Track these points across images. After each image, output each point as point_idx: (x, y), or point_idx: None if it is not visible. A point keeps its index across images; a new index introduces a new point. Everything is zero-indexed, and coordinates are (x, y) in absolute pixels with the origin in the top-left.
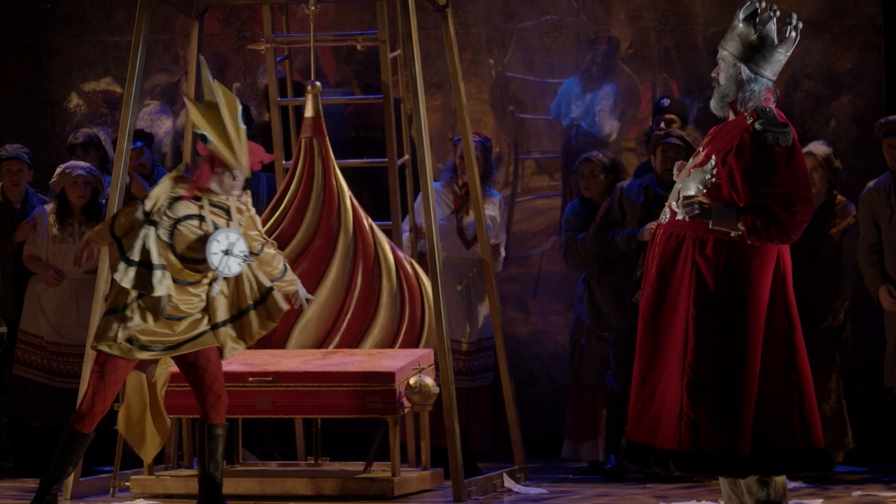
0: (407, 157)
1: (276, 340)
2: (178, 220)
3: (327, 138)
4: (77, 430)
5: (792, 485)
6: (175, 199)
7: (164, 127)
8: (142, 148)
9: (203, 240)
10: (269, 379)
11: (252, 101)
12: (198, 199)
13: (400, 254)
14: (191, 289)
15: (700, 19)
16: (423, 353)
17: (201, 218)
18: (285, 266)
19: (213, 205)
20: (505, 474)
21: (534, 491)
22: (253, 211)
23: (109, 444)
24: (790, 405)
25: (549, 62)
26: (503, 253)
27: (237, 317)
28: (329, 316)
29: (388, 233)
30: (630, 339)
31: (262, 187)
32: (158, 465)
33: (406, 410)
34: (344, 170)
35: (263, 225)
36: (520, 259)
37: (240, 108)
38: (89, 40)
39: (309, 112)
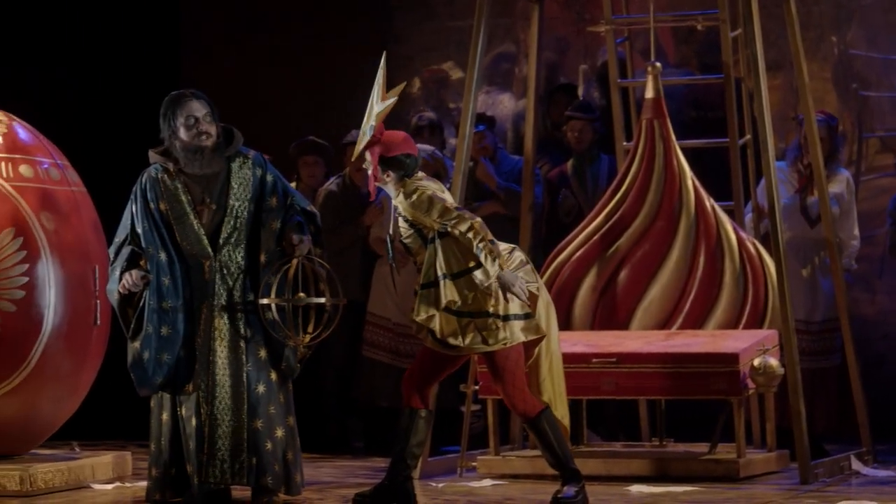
0: (748, 136)
1: (619, 321)
2: None
3: (668, 119)
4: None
5: None
6: None
7: (505, 110)
8: (484, 131)
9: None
10: (613, 360)
11: (593, 83)
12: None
13: (742, 234)
14: None
15: None
16: (767, 334)
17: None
18: (483, 251)
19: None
20: (852, 456)
21: (882, 473)
22: (413, 197)
23: (456, 425)
24: None
25: (894, 38)
26: (854, 246)
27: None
28: (672, 297)
29: (730, 213)
30: None
31: (602, 169)
32: (504, 446)
33: (750, 392)
34: (685, 150)
35: (604, 207)
36: (865, 238)
37: (374, 113)
38: (432, 26)
39: (649, 93)
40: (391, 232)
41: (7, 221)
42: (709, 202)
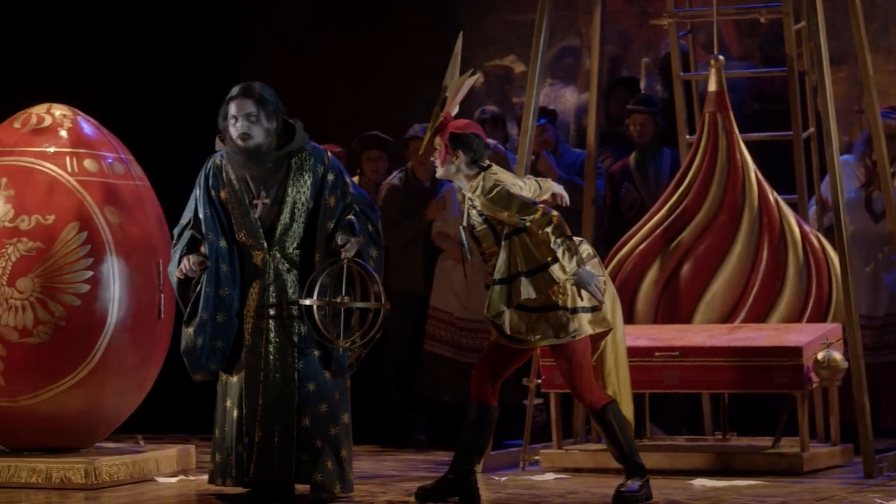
0: (812, 130)
1: (682, 315)
2: None
3: (731, 112)
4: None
5: None
6: None
7: (567, 103)
8: (545, 125)
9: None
10: (676, 354)
11: (655, 76)
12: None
13: (806, 227)
14: None
15: None
16: (831, 328)
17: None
18: (561, 246)
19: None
20: None
21: None
22: (492, 193)
23: (519, 419)
24: None
25: None
26: None
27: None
28: (735, 290)
29: (793, 207)
30: None
31: (665, 162)
32: (567, 440)
33: (814, 385)
34: (748, 143)
35: (667, 201)
36: None
37: (445, 95)
38: (493, 19)
39: (712, 86)
40: (465, 223)
41: (71, 216)
42: (772, 196)
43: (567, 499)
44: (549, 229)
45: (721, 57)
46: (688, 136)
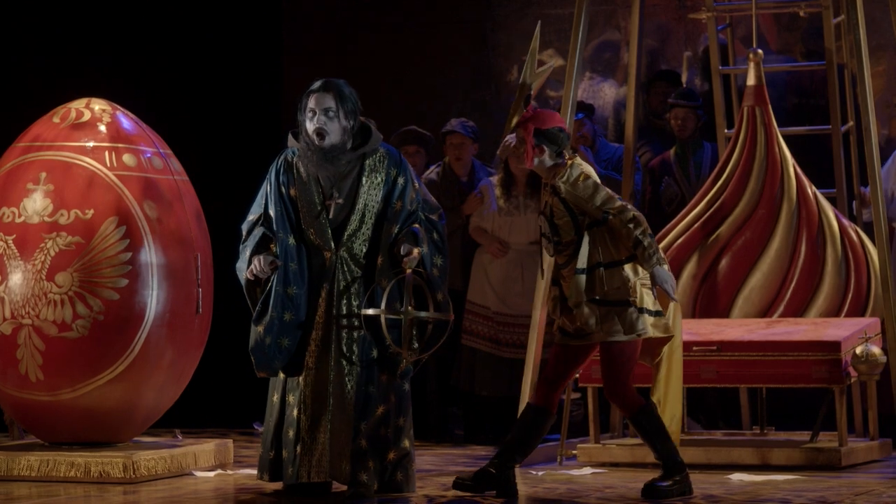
0: (851, 123)
1: (720, 309)
2: None
3: (769, 106)
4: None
5: None
6: None
7: (606, 97)
8: (583, 119)
9: None
10: (714, 348)
11: (695, 70)
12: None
13: (845, 222)
14: None
15: None
16: (870, 322)
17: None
18: (638, 242)
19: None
20: None
21: None
22: (581, 184)
23: (556, 414)
24: None
25: None
26: None
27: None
28: (773, 285)
29: (832, 201)
30: None
31: (705, 156)
32: (604, 434)
33: (852, 380)
34: (787, 137)
35: (705, 195)
36: None
37: (529, 89)
38: (532, 14)
39: (751, 80)
40: (546, 212)
41: (110, 210)
42: (811, 189)
43: (604, 493)
44: (631, 225)
45: (760, 51)
46: (726, 131)
